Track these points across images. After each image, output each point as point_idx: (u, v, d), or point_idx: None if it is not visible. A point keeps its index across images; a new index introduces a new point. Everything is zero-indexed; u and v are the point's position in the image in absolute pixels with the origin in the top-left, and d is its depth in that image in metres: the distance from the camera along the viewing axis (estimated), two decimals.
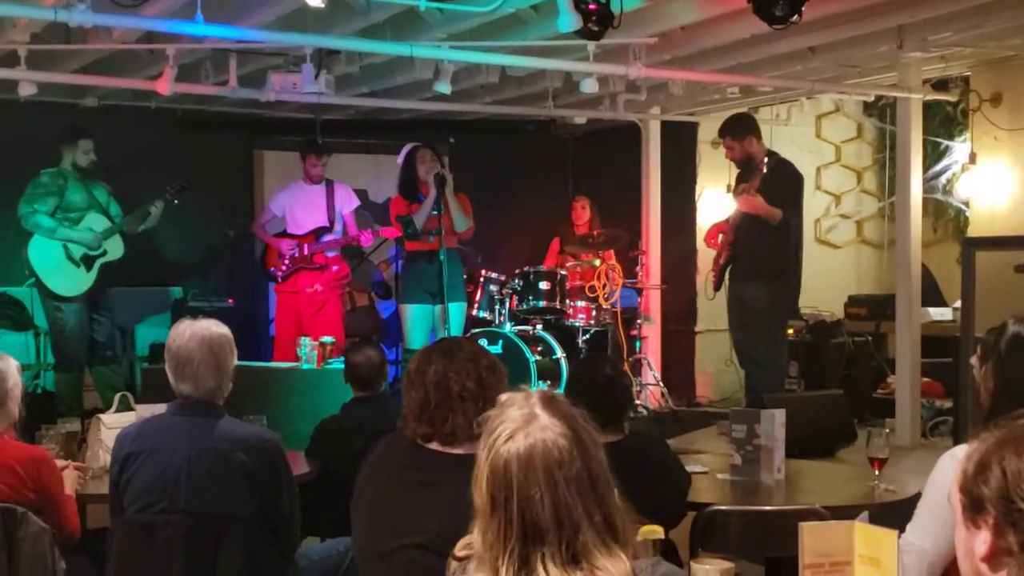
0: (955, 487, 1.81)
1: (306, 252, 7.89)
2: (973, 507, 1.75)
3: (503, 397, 2.00)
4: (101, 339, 7.21)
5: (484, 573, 1.89)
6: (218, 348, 3.42)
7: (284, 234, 8.07)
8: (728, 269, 7.38)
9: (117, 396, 4.49)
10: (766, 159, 7.13)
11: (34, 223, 7.03)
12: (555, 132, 10.50)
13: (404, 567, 2.67)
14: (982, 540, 1.70)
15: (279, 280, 7.96)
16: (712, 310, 8.49)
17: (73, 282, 7.08)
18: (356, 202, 8.19)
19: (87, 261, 7.02)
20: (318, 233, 7.93)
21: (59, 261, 7.06)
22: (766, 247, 7.07)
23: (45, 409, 6.84)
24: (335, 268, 7.98)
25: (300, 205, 8.02)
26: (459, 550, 2.06)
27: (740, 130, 7.29)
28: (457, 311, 7.45)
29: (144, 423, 3.51)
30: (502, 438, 1.90)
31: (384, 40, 6.44)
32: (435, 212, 7.13)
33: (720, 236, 7.40)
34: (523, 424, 1.90)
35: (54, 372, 7.29)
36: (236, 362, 3.51)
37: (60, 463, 3.82)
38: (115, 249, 7.06)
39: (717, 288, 7.52)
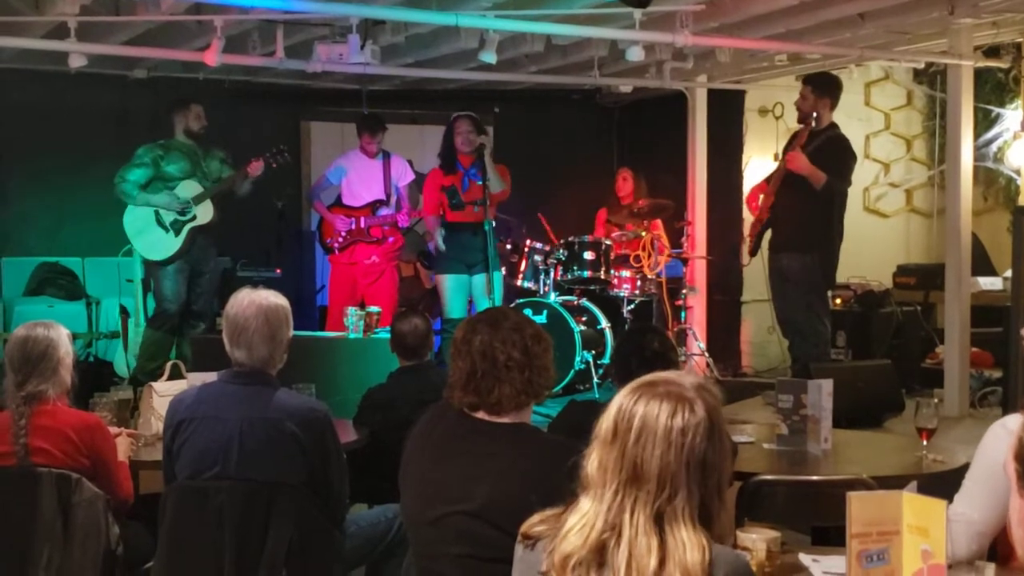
0: (1010, 456, 1.81)
1: (363, 225, 7.94)
2: None
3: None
4: (196, 307, 7.33)
5: (589, 499, 2.02)
6: (274, 318, 3.46)
7: (339, 204, 8.12)
8: (767, 237, 7.32)
9: (169, 364, 4.55)
10: (826, 128, 7.06)
11: (120, 191, 7.17)
12: (600, 101, 10.46)
13: (452, 534, 2.69)
14: None
15: (336, 251, 8.02)
16: (757, 280, 8.46)
17: (161, 246, 7.19)
18: (411, 176, 8.23)
19: (176, 226, 7.14)
20: (374, 206, 7.98)
21: (149, 226, 7.19)
22: (805, 215, 7.00)
23: (99, 377, 6.96)
24: (391, 239, 8.03)
25: (358, 177, 8.07)
26: (529, 527, 2.11)
27: (824, 87, 7.16)
28: (497, 280, 7.45)
29: (196, 390, 3.56)
30: (644, 384, 2.04)
31: (430, 10, 6.43)
32: (479, 182, 7.13)
33: (761, 198, 7.33)
34: (669, 384, 2.03)
35: (146, 328, 7.41)
36: (292, 334, 3.54)
37: (113, 430, 3.88)
38: (205, 214, 7.17)
39: (753, 253, 7.46)
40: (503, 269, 7.94)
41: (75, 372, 3.73)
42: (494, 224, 7.60)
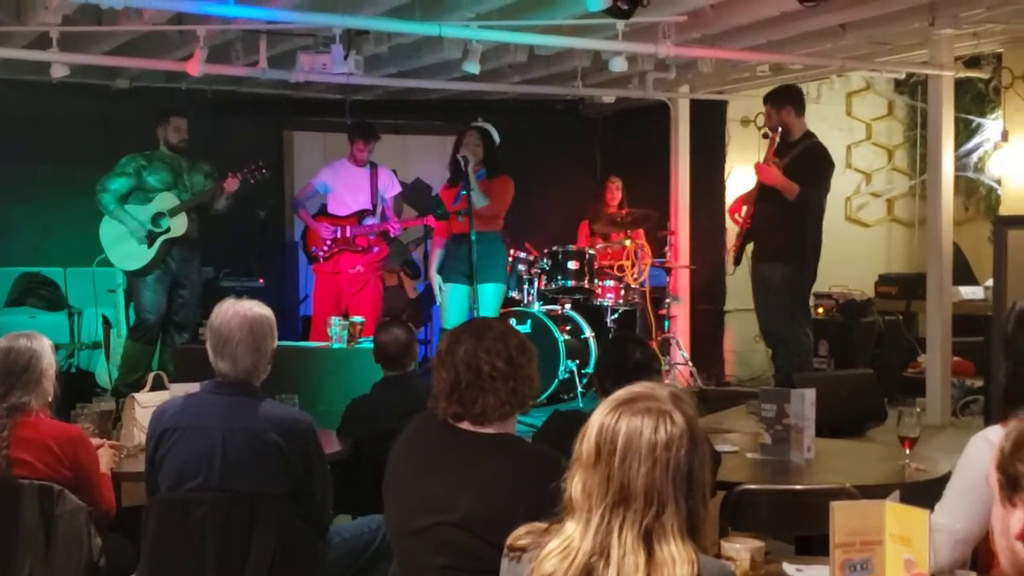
0: (992, 466, 1.82)
1: (348, 235, 7.93)
2: (1010, 485, 1.76)
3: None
4: (177, 318, 7.31)
5: (575, 522, 2.00)
6: (258, 328, 3.45)
7: (325, 213, 8.10)
8: (749, 247, 7.35)
9: (151, 375, 4.53)
10: (802, 137, 7.09)
11: (98, 200, 7.22)
12: (583, 111, 10.48)
13: (435, 545, 2.69)
14: (1018, 518, 1.71)
15: (321, 260, 7.99)
16: (740, 289, 8.47)
17: (132, 256, 7.20)
18: (398, 188, 8.22)
19: (150, 237, 7.14)
20: (360, 216, 7.96)
21: (122, 236, 7.21)
22: (783, 226, 7.02)
23: (81, 387, 6.93)
24: (376, 250, 8.02)
25: (345, 186, 8.04)
26: (515, 540, 2.11)
27: (780, 99, 7.20)
28: (494, 293, 7.40)
29: (180, 400, 3.54)
30: (622, 401, 2.01)
31: (413, 20, 6.43)
32: (463, 193, 7.13)
33: (744, 208, 7.37)
34: (647, 399, 2.01)
35: (127, 340, 7.40)
36: (276, 344, 3.54)
37: (95, 441, 3.86)
38: (179, 226, 7.17)
39: (736, 263, 7.50)
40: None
41: (58, 383, 3.71)
42: (502, 237, 7.58)
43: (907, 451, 3.92)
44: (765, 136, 7.29)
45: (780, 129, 7.08)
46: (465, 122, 7.84)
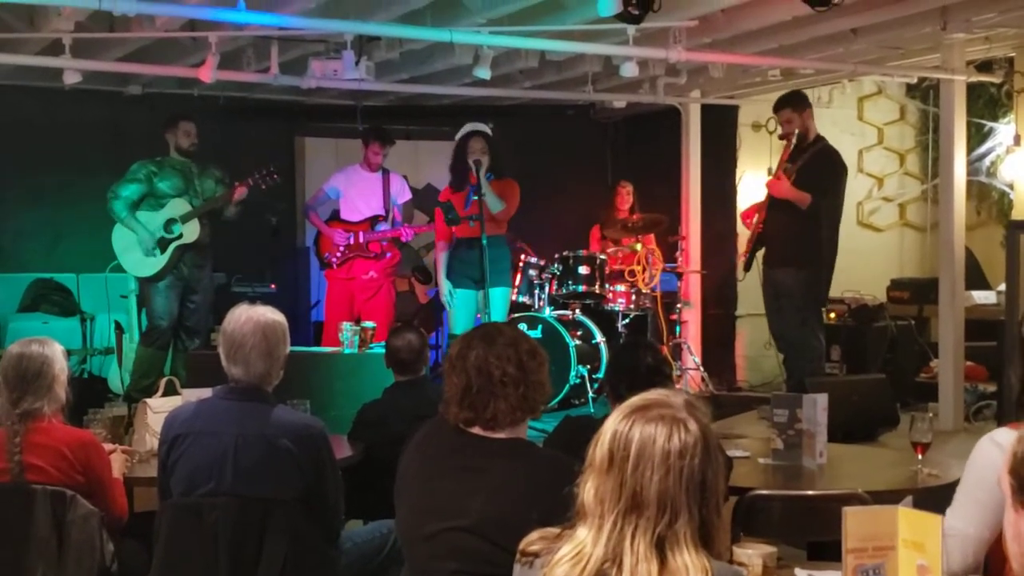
0: (1005, 470, 1.81)
1: (361, 240, 7.93)
2: (1022, 490, 1.75)
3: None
4: (189, 323, 7.33)
5: (587, 528, 1.99)
6: (271, 334, 3.45)
7: (337, 218, 8.11)
8: (761, 252, 7.34)
9: (163, 381, 4.54)
10: (815, 140, 7.08)
11: (109, 208, 7.23)
12: (595, 116, 10.48)
13: (447, 550, 2.69)
14: None
15: (334, 266, 8.00)
16: (752, 294, 8.46)
17: (144, 262, 7.22)
18: (409, 194, 8.22)
19: (162, 244, 7.16)
20: (373, 221, 7.97)
21: (134, 243, 7.21)
22: (795, 232, 7.01)
23: (93, 393, 6.95)
24: (388, 255, 8.02)
25: (357, 191, 8.05)
26: (527, 545, 2.10)
27: (801, 102, 7.20)
28: (501, 297, 7.40)
29: (193, 405, 3.54)
30: (636, 408, 2.01)
31: (424, 26, 6.45)
32: (475, 197, 7.12)
33: (756, 215, 7.36)
34: (660, 407, 2.00)
35: (139, 345, 7.42)
36: (288, 350, 3.54)
37: (108, 447, 3.87)
38: (191, 232, 7.19)
39: (747, 268, 7.50)
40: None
41: (70, 389, 3.72)
42: (513, 242, 7.58)
43: (919, 456, 3.91)
44: (782, 138, 7.27)
45: (797, 132, 7.07)
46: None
